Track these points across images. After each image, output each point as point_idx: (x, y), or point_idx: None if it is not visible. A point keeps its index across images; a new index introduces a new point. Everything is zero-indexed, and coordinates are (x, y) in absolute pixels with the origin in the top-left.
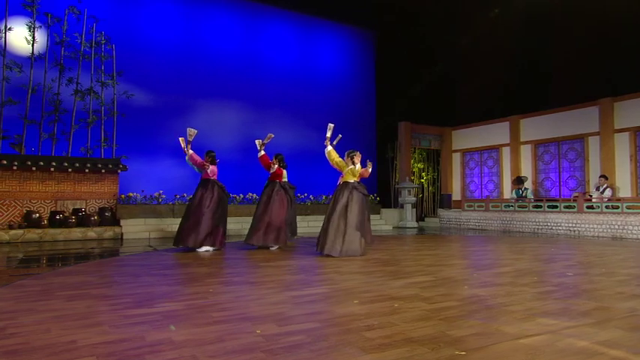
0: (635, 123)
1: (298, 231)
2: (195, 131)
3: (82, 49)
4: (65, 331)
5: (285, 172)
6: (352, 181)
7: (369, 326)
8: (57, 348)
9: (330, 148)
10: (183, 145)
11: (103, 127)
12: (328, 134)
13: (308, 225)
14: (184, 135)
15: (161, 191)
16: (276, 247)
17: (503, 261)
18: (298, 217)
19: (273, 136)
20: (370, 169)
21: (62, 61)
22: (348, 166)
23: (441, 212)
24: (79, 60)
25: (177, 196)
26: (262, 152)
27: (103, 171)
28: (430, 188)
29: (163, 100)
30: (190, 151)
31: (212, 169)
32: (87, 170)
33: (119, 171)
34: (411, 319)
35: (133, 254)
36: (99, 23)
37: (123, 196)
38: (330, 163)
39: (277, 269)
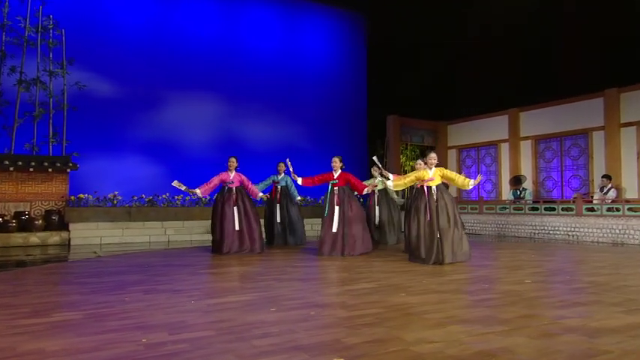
0: None
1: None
2: (183, 187)
3: (26, 34)
4: None
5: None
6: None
7: (264, 334)
8: None
9: (391, 179)
10: (191, 191)
11: (51, 121)
12: (382, 172)
13: None
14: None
15: (116, 192)
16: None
17: (469, 268)
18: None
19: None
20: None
21: (3, 48)
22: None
23: None
24: (22, 46)
25: (135, 198)
26: (299, 179)
27: (50, 170)
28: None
29: (129, 91)
30: (200, 190)
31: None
32: (31, 169)
33: (69, 170)
34: (314, 327)
35: (70, 261)
36: (46, 6)
37: (73, 197)
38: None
39: (220, 276)
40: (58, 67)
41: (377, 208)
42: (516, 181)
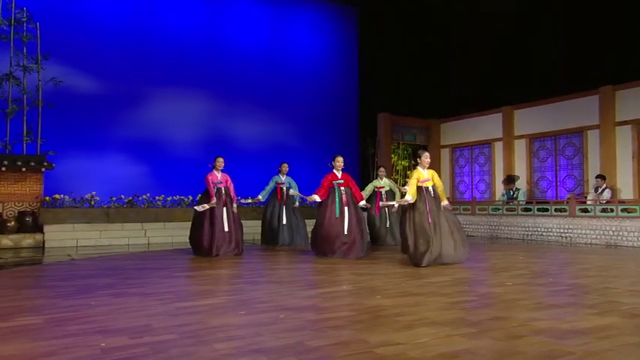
0: (639, 114)
1: (257, 238)
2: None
3: None
4: None
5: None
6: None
7: (228, 337)
8: None
9: (409, 194)
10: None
11: (25, 118)
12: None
13: None
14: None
15: (94, 193)
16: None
17: (453, 270)
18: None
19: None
20: None
21: None
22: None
23: None
24: None
25: (114, 198)
26: (315, 197)
27: (24, 169)
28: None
29: (110, 87)
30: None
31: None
32: (4, 168)
33: (44, 169)
34: (281, 330)
35: (42, 264)
36: None
37: (48, 198)
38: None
39: (195, 279)
40: (32, 62)
41: (386, 210)
42: (509, 180)
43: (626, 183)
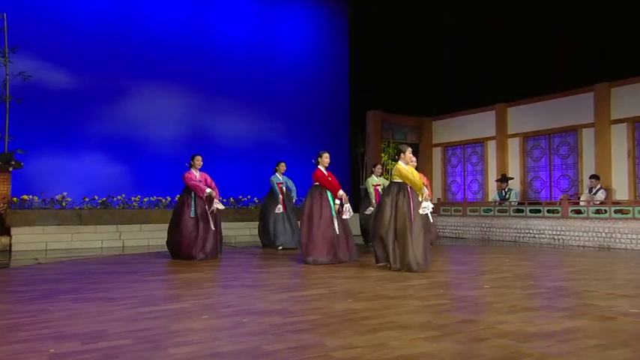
0: (634, 112)
1: (240, 240)
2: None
3: None
4: None
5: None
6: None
7: (186, 342)
8: None
9: (428, 200)
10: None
11: None
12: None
13: (250, 233)
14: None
15: (65, 193)
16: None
17: (433, 273)
18: (242, 224)
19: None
20: None
21: None
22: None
23: None
24: None
25: (87, 199)
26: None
27: None
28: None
29: (85, 82)
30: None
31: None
32: None
33: (11, 169)
34: (241, 334)
35: (7, 268)
36: None
37: (16, 199)
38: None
39: (165, 283)
40: None
41: None
42: (503, 179)
43: (621, 183)
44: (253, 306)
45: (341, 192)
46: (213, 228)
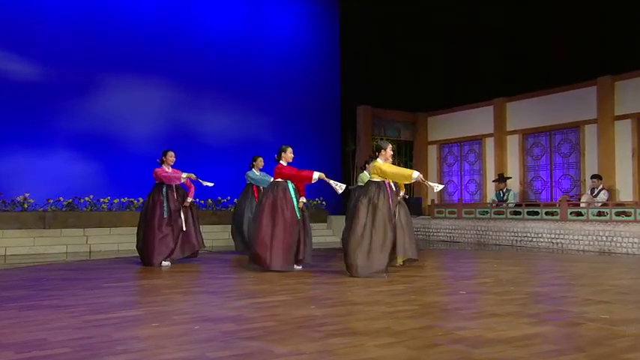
0: (639, 108)
1: (217, 244)
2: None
3: None
4: None
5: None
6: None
7: (126, 350)
8: None
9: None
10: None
11: None
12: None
13: (230, 237)
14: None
15: (27, 194)
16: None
17: (412, 277)
18: (220, 227)
19: None
20: None
21: None
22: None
23: None
24: None
25: (51, 201)
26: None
27: None
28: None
29: (54, 74)
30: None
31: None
32: None
33: None
34: (187, 342)
35: None
36: None
37: None
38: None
39: (124, 290)
40: None
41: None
42: (501, 179)
43: (625, 183)
44: (209, 313)
45: (316, 174)
46: (184, 228)
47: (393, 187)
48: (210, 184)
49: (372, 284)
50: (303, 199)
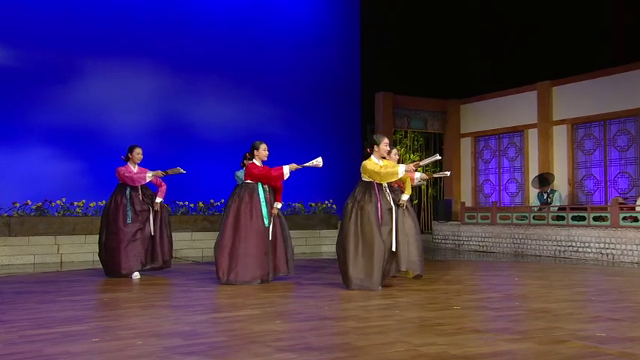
0: None
1: (207, 254)
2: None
3: None
4: None
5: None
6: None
7: None
8: None
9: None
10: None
11: None
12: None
13: None
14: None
15: None
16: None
17: (411, 292)
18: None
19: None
20: None
21: None
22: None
23: (436, 226)
24: None
25: (17, 205)
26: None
27: None
28: (430, 191)
29: (29, 60)
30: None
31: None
32: None
33: None
34: (122, 358)
35: None
36: None
37: None
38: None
39: (79, 304)
40: None
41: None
42: (541, 181)
43: None
44: (159, 328)
45: (286, 168)
46: (152, 233)
47: (385, 186)
48: (183, 171)
49: (360, 298)
50: (278, 205)
